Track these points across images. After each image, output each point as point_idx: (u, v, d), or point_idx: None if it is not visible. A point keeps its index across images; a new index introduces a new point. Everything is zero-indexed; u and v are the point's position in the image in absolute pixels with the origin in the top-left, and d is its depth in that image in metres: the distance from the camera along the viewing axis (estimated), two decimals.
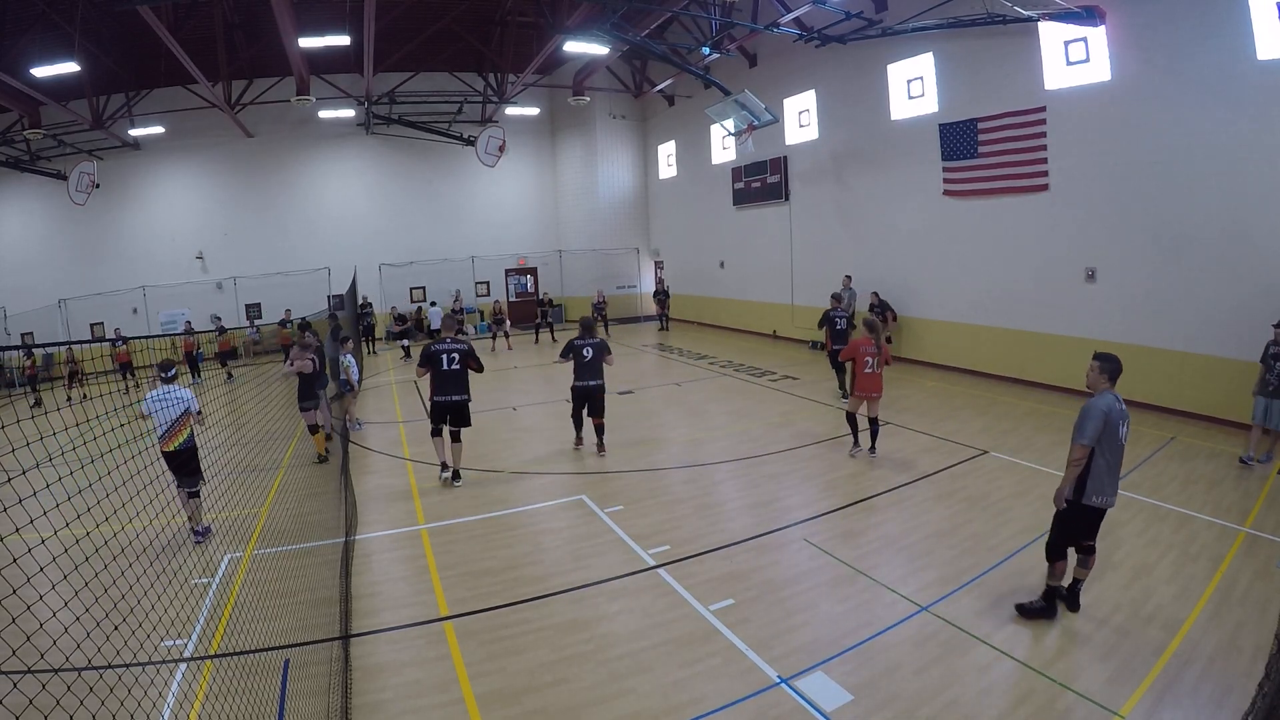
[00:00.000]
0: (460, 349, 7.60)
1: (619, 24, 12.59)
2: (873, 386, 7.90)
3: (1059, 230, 10.66)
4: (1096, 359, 4.53)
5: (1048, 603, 4.56)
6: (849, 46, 13.33)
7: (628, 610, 4.96)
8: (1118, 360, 4.43)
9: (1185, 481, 6.96)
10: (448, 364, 7.53)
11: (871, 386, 7.90)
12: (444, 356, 7.53)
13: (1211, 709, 3.63)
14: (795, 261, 16.88)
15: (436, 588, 5.42)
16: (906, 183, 13.38)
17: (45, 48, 14.19)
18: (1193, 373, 9.08)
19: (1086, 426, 4.29)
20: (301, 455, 9.23)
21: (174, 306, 20.44)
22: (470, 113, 21.93)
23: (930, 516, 6.37)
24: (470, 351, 7.65)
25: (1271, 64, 7.89)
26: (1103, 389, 4.43)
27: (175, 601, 4.37)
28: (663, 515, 6.67)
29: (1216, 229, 8.68)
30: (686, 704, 3.88)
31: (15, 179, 18.84)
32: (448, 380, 7.56)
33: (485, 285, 23.64)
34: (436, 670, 4.31)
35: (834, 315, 10.93)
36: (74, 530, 2.98)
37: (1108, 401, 4.32)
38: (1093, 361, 4.56)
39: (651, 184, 24.44)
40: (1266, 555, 5.28)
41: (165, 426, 6.23)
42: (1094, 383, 4.52)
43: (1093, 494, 4.31)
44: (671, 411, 11.18)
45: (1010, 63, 11.05)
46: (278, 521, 6.69)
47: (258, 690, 3.88)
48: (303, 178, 21.56)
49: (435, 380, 7.58)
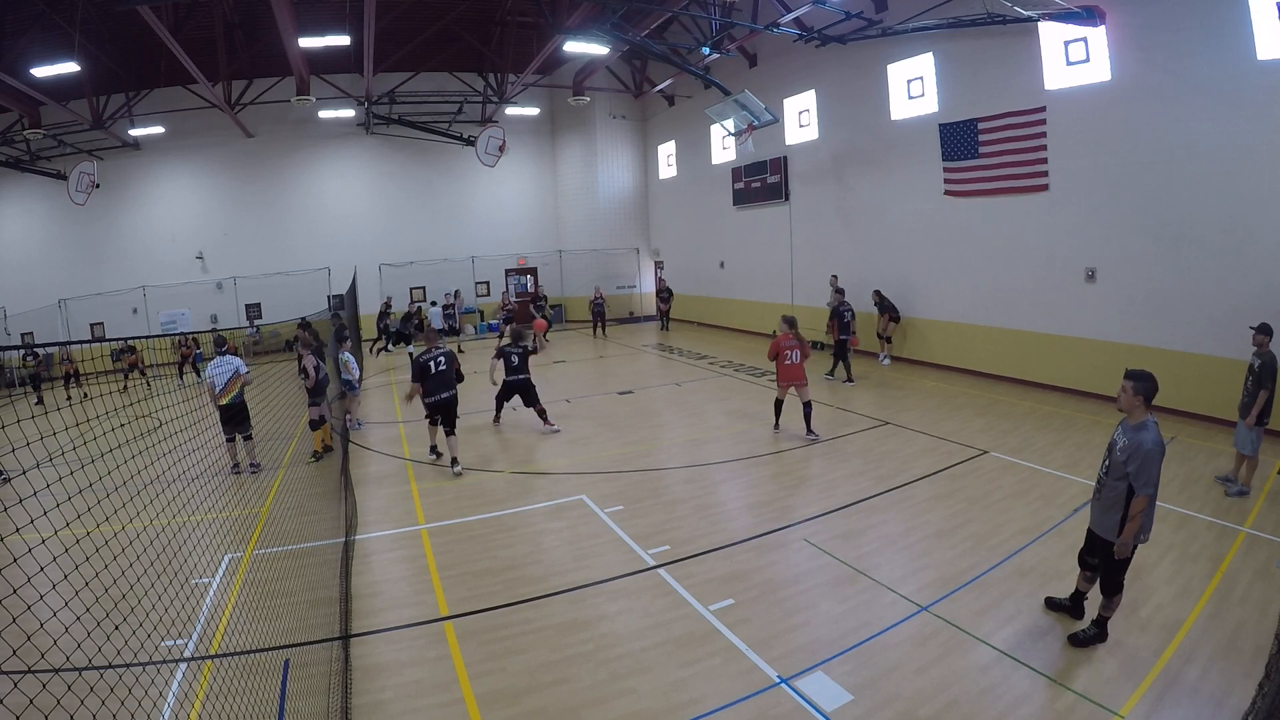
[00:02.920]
0: (444, 352, 8.42)
1: (619, 24, 12.59)
2: (796, 376, 8.79)
3: (1059, 230, 10.66)
4: (1130, 379, 3.94)
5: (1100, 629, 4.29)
6: (849, 46, 13.33)
7: (628, 610, 4.96)
8: (1154, 379, 3.93)
9: (1185, 481, 6.96)
10: (435, 368, 8.29)
11: (795, 376, 8.80)
12: (431, 363, 8.28)
13: (1211, 709, 3.63)
14: (795, 261, 16.87)
15: (436, 588, 5.42)
16: (907, 183, 13.38)
17: (45, 48, 14.19)
18: (1193, 373, 9.07)
19: (1153, 473, 3.82)
20: (302, 455, 9.24)
21: (174, 306, 20.44)
22: (470, 113, 21.92)
23: (930, 516, 6.37)
24: (452, 355, 8.52)
25: (1271, 64, 7.89)
26: (1142, 416, 3.94)
27: (175, 601, 4.37)
28: (663, 515, 6.67)
29: (1216, 229, 8.68)
30: (686, 704, 3.88)
31: (15, 179, 18.84)
32: (437, 382, 8.29)
33: (485, 285, 23.63)
34: (436, 670, 4.31)
35: (841, 309, 12.28)
36: (74, 530, 2.98)
37: (1158, 435, 3.88)
38: (1125, 382, 3.98)
39: (651, 184, 24.43)
40: (1266, 555, 5.28)
41: (221, 385, 8.33)
42: (1130, 407, 3.96)
43: (1143, 533, 4.02)
44: (671, 411, 11.18)
45: (1010, 63, 11.05)
46: (278, 521, 6.70)
47: (258, 690, 3.88)
48: (303, 178, 21.55)
49: (426, 384, 8.29)
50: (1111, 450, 4.12)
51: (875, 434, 9.12)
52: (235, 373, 8.41)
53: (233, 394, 8.37)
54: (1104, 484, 4.14)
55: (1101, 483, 4.17)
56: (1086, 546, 4.39)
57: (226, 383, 8.35)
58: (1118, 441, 4.07)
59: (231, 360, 8.53)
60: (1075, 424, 9.22)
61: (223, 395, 8.36)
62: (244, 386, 8.52)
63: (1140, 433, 3.89)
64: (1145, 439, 3.84)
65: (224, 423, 8.46)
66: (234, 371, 8.41)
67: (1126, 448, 3.93)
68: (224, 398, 8.37)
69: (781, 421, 9.35)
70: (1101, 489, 4.17)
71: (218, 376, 8.40)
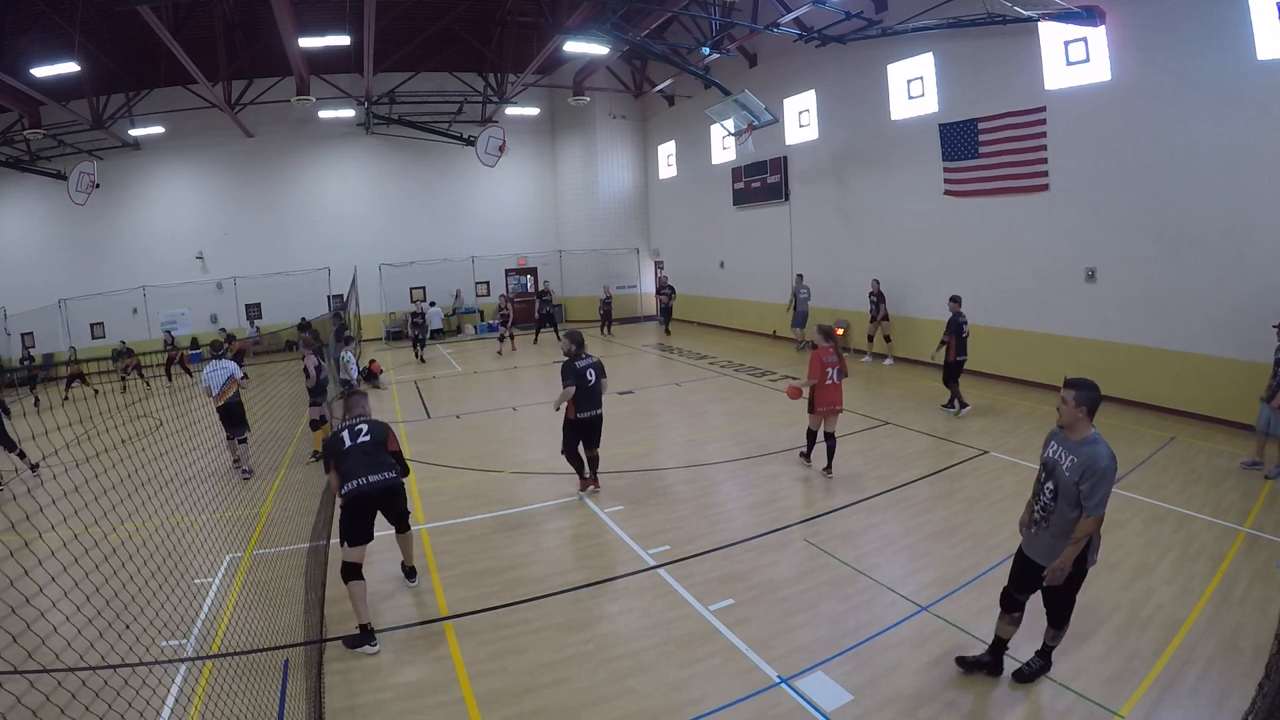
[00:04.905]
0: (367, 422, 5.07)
1: (619, 24, 12.59)
2: (835, 399, 7.26)
3: (1059, 230, 10.66)
4: (1072, 388, 3.58)
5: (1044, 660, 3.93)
6: (849, 46, 13.32)
7: (628, 610, 4.96)
8: (1097, 388, 3.58)
9: (1185, 481, 6.96)
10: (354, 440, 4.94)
11: (835, 399, 7.26)
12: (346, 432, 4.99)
13: (1211, 709, 3.63)
14: (795, 261, 16.86)
15: (436, 588, 5.42)
16: (907, 183, 13.38)
17: (45, 48, 14.19)
18: (1193, 373, 9.07)
19: (1103, 493, 3.42)
20: (302, 455, 9.24)
21: (174, 306, 20.45)
22: (470, 113, 21.92)
23: (930, 516, 6.37)
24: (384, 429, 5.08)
25: (1271, 64, 7.89)
26: (1086, 430, 3.55)
27: (175, 601, 4.37)
28: (663, 515, 6.67)
29: (1216, 229, 8.68)
30: (686, 704, 3.88)
31: (15, 179, 18.84)
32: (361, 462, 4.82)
33: (485, 285, 23.63)
34: (436, 670, 4.31)
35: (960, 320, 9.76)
36: (70, 527, 2.98)
37: (1109, 449, 3.49)
38: (1065, 392, 3.59)
39: (651, 184, 24.43)
40: (1266, 555, 5.28)
41: (218, 388, 8.37)
42: (1071, 420, 3.57)
43: (1093, 554, 3.63)
44: (671, 411, 11.18)
45: (1010, 63, 11.05)
46: (278, 521, 6.70)
47: (258, 690, 3.88)
48: (303, 178, 21.55)
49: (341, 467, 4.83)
50: (1054, 470, 3.63)
51: (875, 434, 9.12)
52: (230, 377, 8.50)
53: (229, 396, 8.44)
54: (1051, 509, 3.63)
55: (1048, 509, 3.66)
56: (1018, 582, 3.84)
57: (222, 386, 8.41)
58: (1061, 460, 3.59)
59: (227, 365, 8.58)
60: None
61: (219, 398, 8.43)
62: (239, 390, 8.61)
63: (1092, 447, 3.48)
64: (1100, 455, 3.44)
65: (223, 422, 8.58)
66: (229, 376, 8.49)
67: (1077, 465, 3.48)
68: (221, 399, 8.44)
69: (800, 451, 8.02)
70: (1049, 515, 3.65)
71: (213, 380, 8.45)
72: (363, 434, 4.97)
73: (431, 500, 7.43)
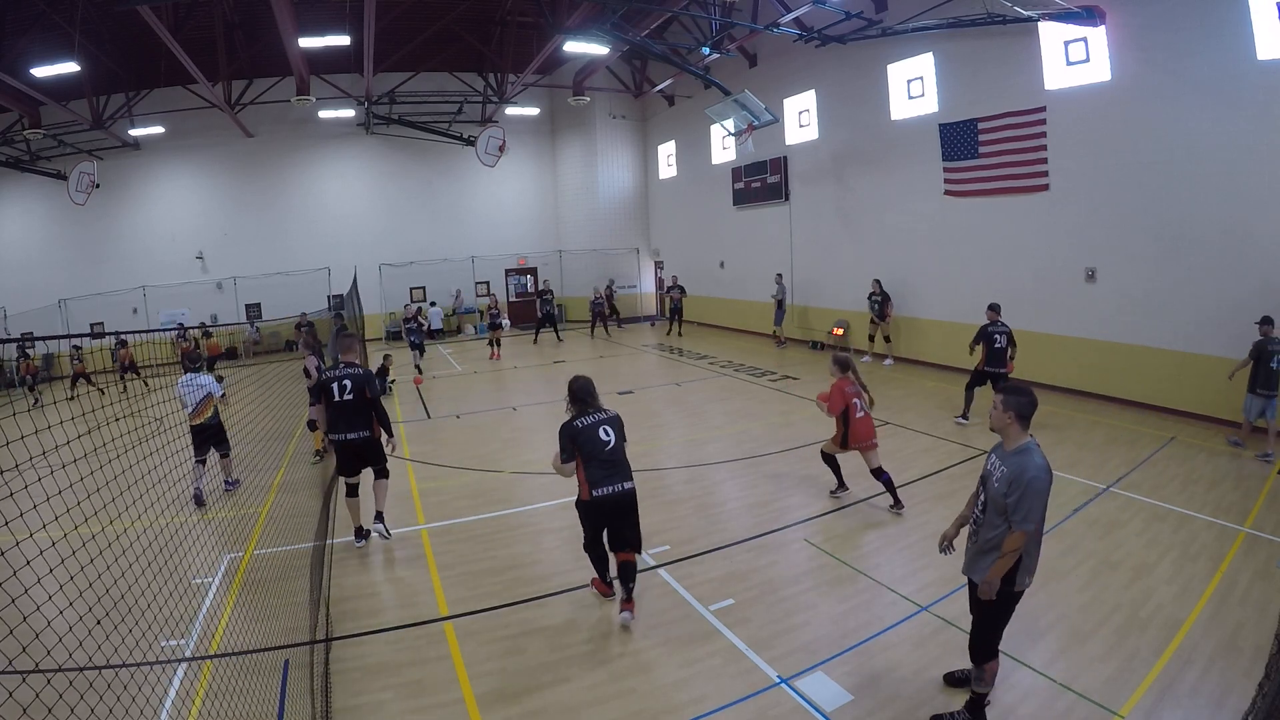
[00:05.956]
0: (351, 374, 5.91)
1: (619, 24, 12.59)
2: (869, 433, 6.52)
3: (1059, 230, 10.66)
4: (1002, 393, 3.42)
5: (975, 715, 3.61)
6: (849, 46, 13.32)
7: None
8: (1032, 394, 3.41)
9: (1185, 481, 6.96)
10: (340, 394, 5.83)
11: (869, 434, 6.52)
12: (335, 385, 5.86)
13: (1211, 709, 3.63)
14: (795, 262, 16.87)
15: (436, 588, 5.42)
16: (907, 183, 13.38)
17: (45, 48, 14.20)
18: (1192, 373, 9.07)
19: (1035, 507, 3.24)
20: (302, 454, 9.24)
21: (174, 306, 20.44)
22: (470, 113, 21.93)
23: (930, 516, 6.37)
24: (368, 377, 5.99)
25: (1271, 64, 7.89)
26: (1020, 438, 3.36)
27: (175, 601, 4.37)
28: (663, 515, 6.66)
29: (1216, 229, 8.68)
30: (686, 704, 3.88)
31: (15, 179, 18.84)
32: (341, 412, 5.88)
33: (485, 285, 23.64)
34: (436, 670, 4.31)
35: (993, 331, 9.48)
36: (65, 523, 2.97)
37: (1043, 460, 3.29)
38: (997, 397, 3.43)
39: (651, 184, 24.43)
40: (1266, 555, 5.28)
41: (191, 406, 7.54)
42: (1001, 426, 3.41)
43: (1025, 575, 3.37)
44: (671, 411, 11.18)
45: (1010, 63, 11.05)
46: (278, 521, 6.69)
47: (258, 690, 3.87)
48: (303, 178, 21.56)
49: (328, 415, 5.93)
50: (986, 482, 3.48)
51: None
52: (208, 395, 7.60)
53: (206, 415, 7.56)
54: (981, 522, 3.48)
55: (978, 521, 3.51)
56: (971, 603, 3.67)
57: (198, 405, 7.53)
58: (993, 471, 3.43)
59: (200, 379, 7.63)
60: (1075, 423, 9.23)
61: (195, 417, 7.53)
62: (217, 408, 7.77)
63: (1022, 458, 3.29)
64: (1027, 466, 3.24)
65: (194, 443, 7.56)
66: (206, 394, 7.58)
67: (1005, 476, 3.30)
68: (197, 418, 7.53)
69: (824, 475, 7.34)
70: (979, 529, 3.50)
71: (187, 395, 7.55)
72: (347, 390, 5.85)
73: (431, 500, 7.43)
